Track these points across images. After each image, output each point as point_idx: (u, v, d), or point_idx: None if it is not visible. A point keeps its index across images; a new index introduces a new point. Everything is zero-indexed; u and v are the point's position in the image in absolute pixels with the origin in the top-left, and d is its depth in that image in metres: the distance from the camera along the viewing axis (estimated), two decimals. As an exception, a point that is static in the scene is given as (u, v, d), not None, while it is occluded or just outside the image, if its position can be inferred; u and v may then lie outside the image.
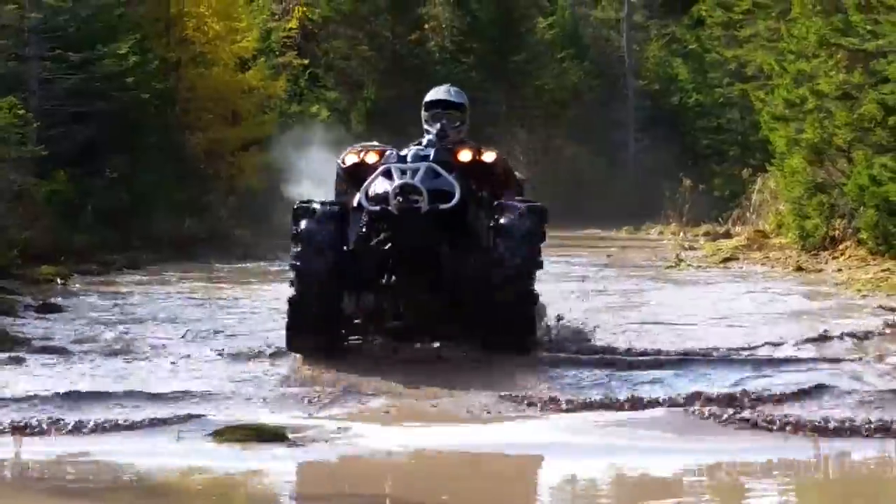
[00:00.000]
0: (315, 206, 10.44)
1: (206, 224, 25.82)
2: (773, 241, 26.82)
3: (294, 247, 10.43)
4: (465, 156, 10.57)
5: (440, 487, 7.25)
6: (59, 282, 18.78)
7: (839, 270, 20.66)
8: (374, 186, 10.21)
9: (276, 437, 7.91)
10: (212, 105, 30.15)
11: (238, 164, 30.34)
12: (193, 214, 25.72)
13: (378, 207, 10.08)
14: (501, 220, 10.24)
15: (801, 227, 24.85)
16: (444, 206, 9.98)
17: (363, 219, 10.41)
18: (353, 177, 10.80)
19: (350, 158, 10.97)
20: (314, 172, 13.33)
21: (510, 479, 7.62)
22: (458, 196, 10.03)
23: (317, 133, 20.69)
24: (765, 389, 9.36)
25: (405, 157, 10.31)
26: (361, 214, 10.44)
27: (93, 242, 22.59)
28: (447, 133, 10.82)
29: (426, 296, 10.39)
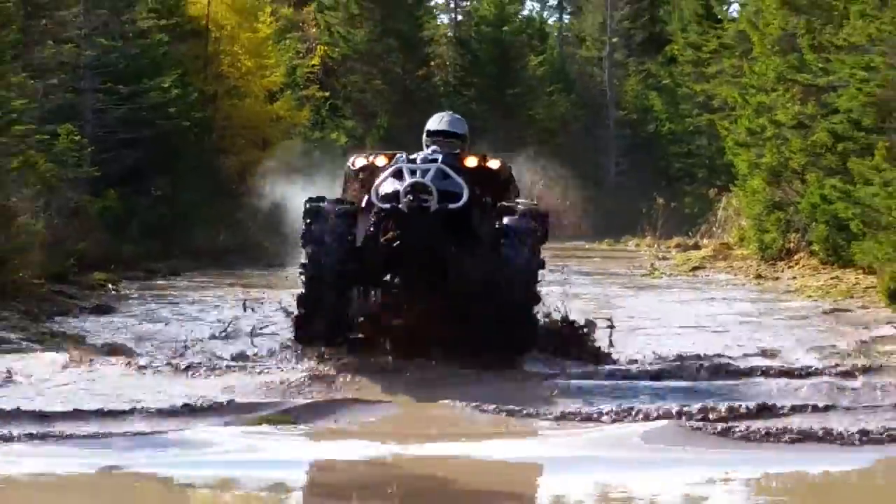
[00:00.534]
0: (324, 205, 9.77)
1: (238, 236, 25.84)
2: (736, 253, 26.85)
3: (304, 244, 9.71)
4: (472, 161, 9.96)
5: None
6: (110, 287, 18.85)
7: (794, 278, 20.72)
8: (385, 185, 9.59)
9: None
10: (244, 132, 30.20)
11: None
12: (227, 228, 25.74)
13: (388, 205, 9.40)
14: (506, 222, 9.58)
15: (761, 240, 24.90)
16: (453, 206, 9.40)
17: (372, 217, 9.65)
18: (363, 179, 10.18)
19: (359, 161, 10.33)
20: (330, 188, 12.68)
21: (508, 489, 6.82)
22: (467, 196, 9.46)
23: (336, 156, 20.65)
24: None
25: (415, 160, 9.72)
26: (370, 214, 9.72)
27: (139, 252, 22.67)
28: (450, 151, 10.08)
29: (431, 294, 9.58)
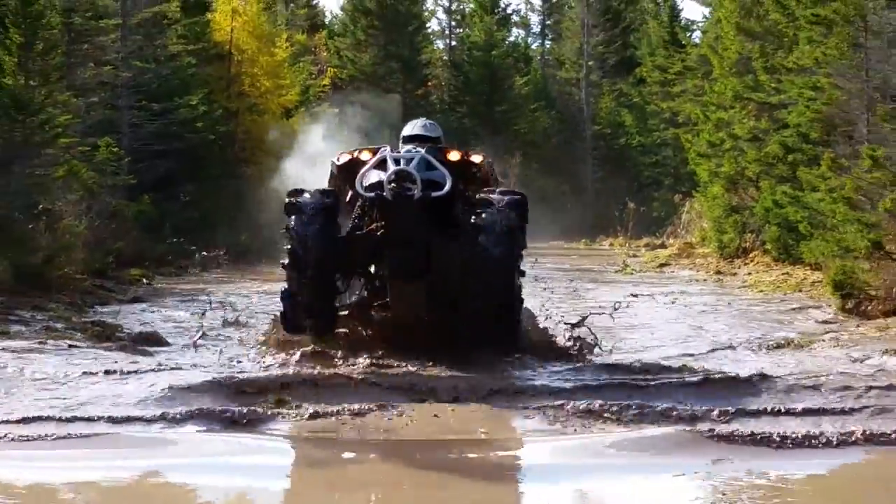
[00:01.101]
0: (304, 199, 9.01)
1: (257, 236, 25.73)
2: (698, 251, 26.89)
3: (286, 239, 8.99)
4: (454, 155, 9.32)
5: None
6: (145, 281, 18.84)
7: (749, 274, 20.73)
8: (370, 176, 8.75)
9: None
10: (262, 145, 30.19)
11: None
12: (248, 230, 25.63)
13: (373, 194, 8.56)
14: (484, 217, 8.69)
15: (720, 240, 24.93)
16: (437, 194, 8.56)
17: (357, 209, 9.09)
18: (347, 173, 9.31)
19: (344, 157, 9.60)
20: None
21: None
22: (450, 186, 8.67)
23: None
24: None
25: (399, 154, 8.83)
26: (355, 206, 9.16)
27: (170, 251, 22.68)
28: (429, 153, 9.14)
29: (414, 283, 8.83)
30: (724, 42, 26.19)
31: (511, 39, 50.10)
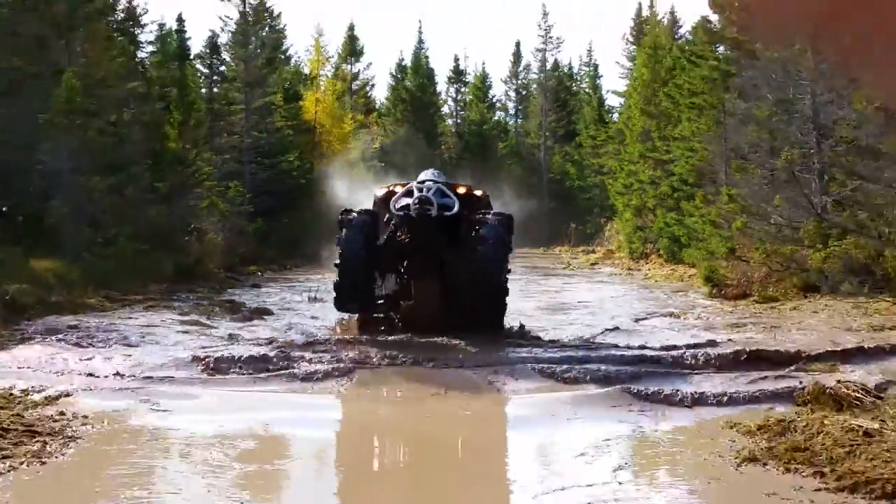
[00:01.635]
0: (351, 217, 8.28)
1: (332, 246, 25.76)
2: (616, 255, 26.84)
3: (338, 245, 8.24)
4: (462, 189, 8.63)
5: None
6: (259, 274, 18.90)
7: (649, 270, 20.68)
8: (400, 200, 8.15)
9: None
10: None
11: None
12: (325, 242, 25.68)
13: (402, 213, 7.98)
14: (482, 232, 8.08)
15: (630, 248, 24.93)
16: (448, 213, 8.01)
17: (391, 225, 8.28)
18: (384, 202, 8.61)
19: (382, 190, 8.98)
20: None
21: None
22: (457, 208, 8.10)
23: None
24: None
25: (422, 185, 8.26)
26: (389, 223, 8.32)
27: (275, 255, 22.67)
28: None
29: (430, 278, 8.14)
30: (633, 120, 26.21)
31: (496, 118, 49.79)
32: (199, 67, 26.99)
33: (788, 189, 13.20)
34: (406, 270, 8.35)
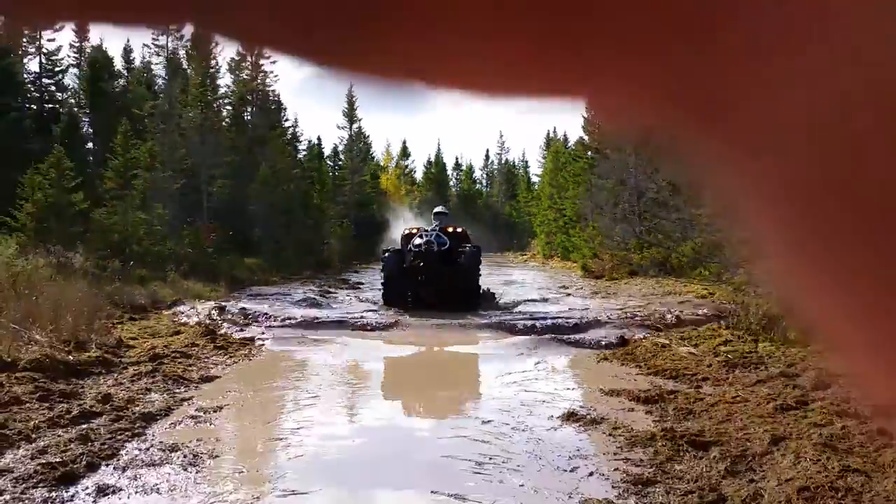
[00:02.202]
0: (390, 253, 7.73)
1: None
2: (537, 257, 26.66)
3: (382, 266, 7.68)
4: (450, 230, 7.87)
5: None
6: (358, 266, 18.28)
7: (553, 264, 20.40)
8: (414, 241, 7.46)
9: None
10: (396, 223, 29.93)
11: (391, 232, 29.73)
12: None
13: (417, 249, 7.29)
14: (464, 254, 7.53)
15: (543, 253, 24.65)
16: (443, 248, 7.42)
17: (410, 255, 7.43)
18: (406, 239, 7.88)
19: (405, 231, 8.20)
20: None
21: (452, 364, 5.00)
22: (448, 245, 7.52)
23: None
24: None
25: (427, 231, 7.69)
26: (410, 254, 7.49)
27: (366, 257, 21.45)
28: (442, 224, 8.04)
29: (439, 285, 7.27)
30: (544, 188, 26.03)
31: (476, 188, 49.42)
32: (328, 162, 27.09)
33: (623, 224, 13.20)
34: (423, 281, 7.59)
